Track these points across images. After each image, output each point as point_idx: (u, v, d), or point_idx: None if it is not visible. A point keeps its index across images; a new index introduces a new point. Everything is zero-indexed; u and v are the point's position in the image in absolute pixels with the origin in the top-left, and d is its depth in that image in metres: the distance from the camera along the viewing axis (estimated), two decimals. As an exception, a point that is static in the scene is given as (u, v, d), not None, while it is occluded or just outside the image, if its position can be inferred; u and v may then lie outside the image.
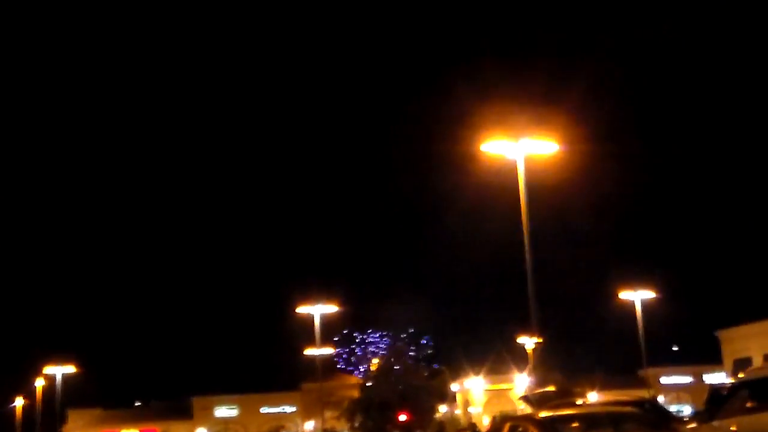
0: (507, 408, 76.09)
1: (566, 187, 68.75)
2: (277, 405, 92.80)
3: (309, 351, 65.04)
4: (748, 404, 12.95)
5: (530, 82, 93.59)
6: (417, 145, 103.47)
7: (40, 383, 74.24)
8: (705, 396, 35.73)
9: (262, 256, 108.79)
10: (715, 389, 32.93)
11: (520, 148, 25.89)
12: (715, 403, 14.08)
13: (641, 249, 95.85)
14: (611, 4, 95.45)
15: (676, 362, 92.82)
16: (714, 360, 77.89)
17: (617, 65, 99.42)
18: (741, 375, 17.17)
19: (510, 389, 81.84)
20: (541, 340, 33.41)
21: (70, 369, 67.78)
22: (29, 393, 79.30)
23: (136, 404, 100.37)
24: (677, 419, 20.95)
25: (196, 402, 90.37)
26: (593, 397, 31.64)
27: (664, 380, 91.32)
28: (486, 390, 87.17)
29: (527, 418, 13.34)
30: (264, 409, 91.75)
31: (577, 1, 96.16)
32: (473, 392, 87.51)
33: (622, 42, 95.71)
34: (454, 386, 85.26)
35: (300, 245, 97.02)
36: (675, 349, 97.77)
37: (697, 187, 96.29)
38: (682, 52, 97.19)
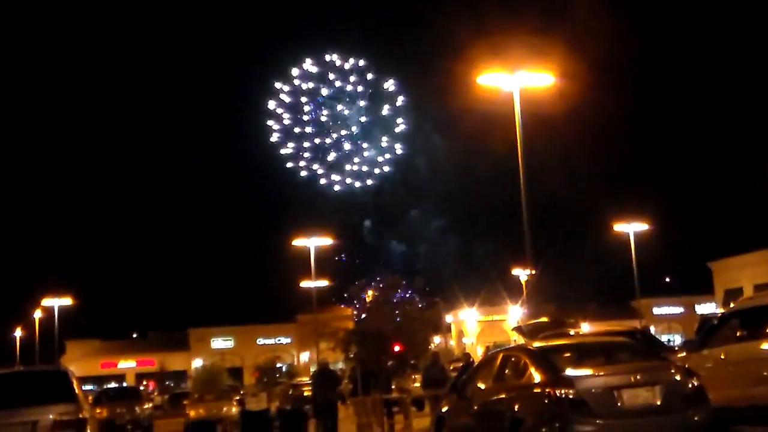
0: (500, 339, 77.14)
1: (562, 119, 68.79)
2: (273, 336, 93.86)
3: (305, 283, 65.64)
4: (738, 333, 13.15)
5: (527, 13, 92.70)
6: (413, 79, 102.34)
7: (38, 315, 74.88)
8: (696, 326, 36.33)
9: (257, 187, 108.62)
10: (705, 319, 33.39)
11: (516, 80, 25.75)
12: (706, 332, 14.29)
13: (636, 181, 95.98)
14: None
15: (668, 293, 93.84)
16: (706, 291, 78.82)
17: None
18: (732, 305, 17.42)
19: (503, 320, 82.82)
20: (534, 272, 33.63)
21: (68, 301, 68.36)
22: (28, 324, 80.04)
23: (134, 336, 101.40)
24: (668, 348, 21.26)
25: (193, 333, 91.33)
26: (586, 327, 32.02)
27: (657, 311, 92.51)
28: (479, 321, 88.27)
29: (520, 348, 13.55)
30: (260, 341, 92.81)
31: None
32: (467, 323, 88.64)
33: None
34: (448, 317, 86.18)
35: (295, 178, 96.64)
36: (668, 280, 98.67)
37: (692, 117, 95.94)
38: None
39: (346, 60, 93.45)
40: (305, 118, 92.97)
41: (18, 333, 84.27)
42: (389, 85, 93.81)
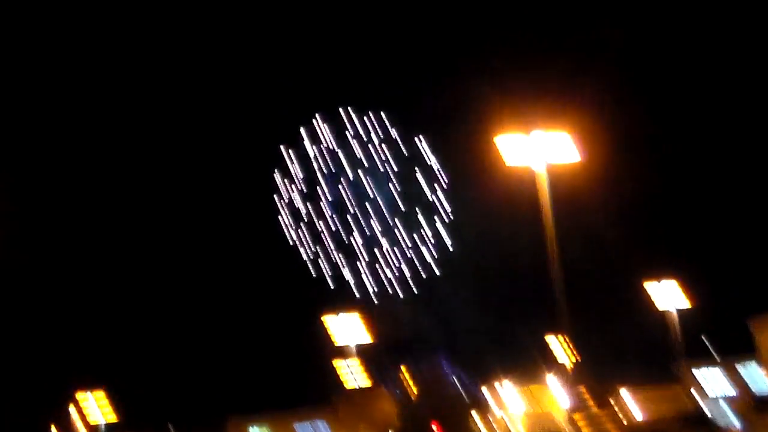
0: (541, 410, 75.69)
1: (590, 188, 68.65)
2: (310, 419, 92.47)
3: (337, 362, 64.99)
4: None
5: (546, 79, 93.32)
6: (431, 139, 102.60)
7: (72, 410, 74.45)
8: (740, 384, 35.38)
9: (286, 268, 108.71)
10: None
11: (534, 138, 25.78)
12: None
13: (666, 241, 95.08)
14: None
15: (708, 353, 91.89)
16: (747, 349, 77.16)
17: (636, 62, 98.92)
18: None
19: (541, 389, 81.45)
20: (569, 340, 33.13)
21: (101, 395, 68.08)
22: (61, 420, 79.57)
23: (170, 427, 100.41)
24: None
25: (232, 426, 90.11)
26: (626, 395, 31.35)
27: (697, 372, 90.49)
28: (518, 391, 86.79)
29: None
30: (297, 425, 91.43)
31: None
32: (505, 395, 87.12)
33: (641, 39, 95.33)
34: (485, 391, 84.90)
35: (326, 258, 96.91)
36: (705, 339, 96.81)
37: (723, 177, 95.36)
38: (701, 50, 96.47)
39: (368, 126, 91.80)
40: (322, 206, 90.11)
41: None
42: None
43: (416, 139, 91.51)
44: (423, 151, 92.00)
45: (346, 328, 56.83)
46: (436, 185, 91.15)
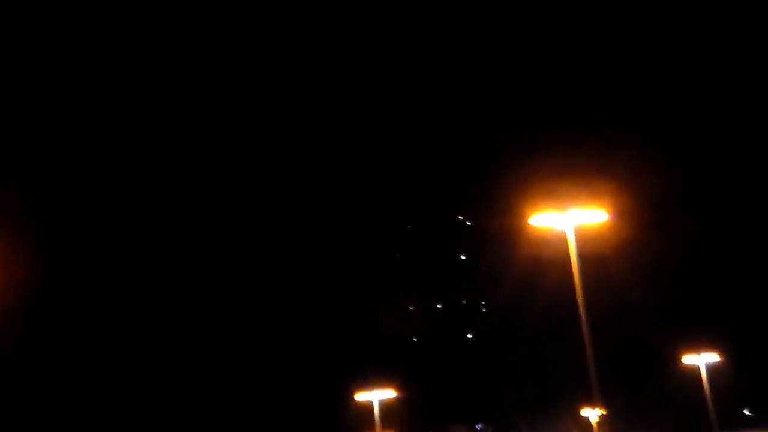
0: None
1: (618, 253, 68.31)
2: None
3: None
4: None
5: (578, 151, 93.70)
6: (465, 221, 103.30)
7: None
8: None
9: (318, 344, 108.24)
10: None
11: (569, 219, 25.80)
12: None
13: (702, 311, 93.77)
14: (656, 70, 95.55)
15: (749, 426, 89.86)
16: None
17: (665, 132, 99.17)
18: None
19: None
20: (604, 412, 32.70)
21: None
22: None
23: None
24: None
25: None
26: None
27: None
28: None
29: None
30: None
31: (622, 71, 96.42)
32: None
33: (670, 110, 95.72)
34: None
35: (356, 331, 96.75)
36: (746, 412, 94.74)
37: (759, 243, 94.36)
38: (727, 117, 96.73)
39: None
40: None
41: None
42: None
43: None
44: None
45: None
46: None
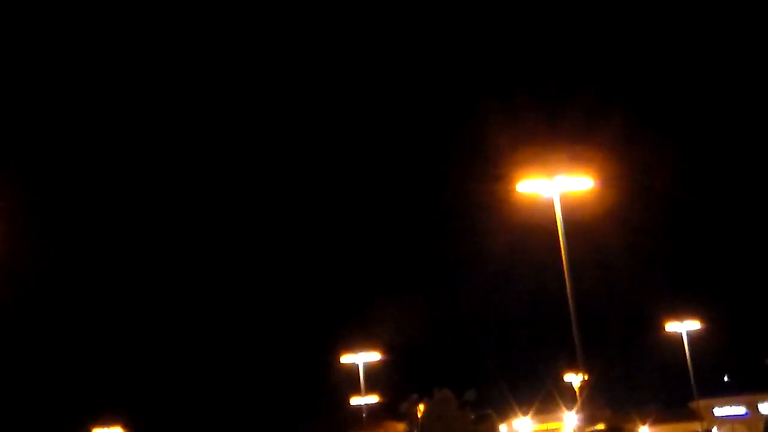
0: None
1: (604, 220, 68.59)
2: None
3: (355, 400, 64.91)
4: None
5: (565, 120, 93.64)
6: (451, 187, 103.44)
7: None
8: (761, 426, 35.20)
9: (305, 307, 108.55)
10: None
11: (556, 186, 25.92)
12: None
13: (684, 279, 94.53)
14: (643, 43, 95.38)
15: (728, 392, 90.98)
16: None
17: (651, 100, 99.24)
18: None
19: (559, 428, 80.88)
20: (587, 377, 33.01)
21: (119, 431, 68.21)
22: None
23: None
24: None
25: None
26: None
27: (718, 411, 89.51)
28: (535, 430, 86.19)
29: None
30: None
31: (607, 38, 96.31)
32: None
33: (655, 77, 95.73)
34: (502, 428, 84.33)
35: (342, 294, 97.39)
36: (726, 379, 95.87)
37: (740, 212, 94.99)
38: (715, 88, 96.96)
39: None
40: None
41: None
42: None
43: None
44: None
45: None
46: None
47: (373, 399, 72.31)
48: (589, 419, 32.67)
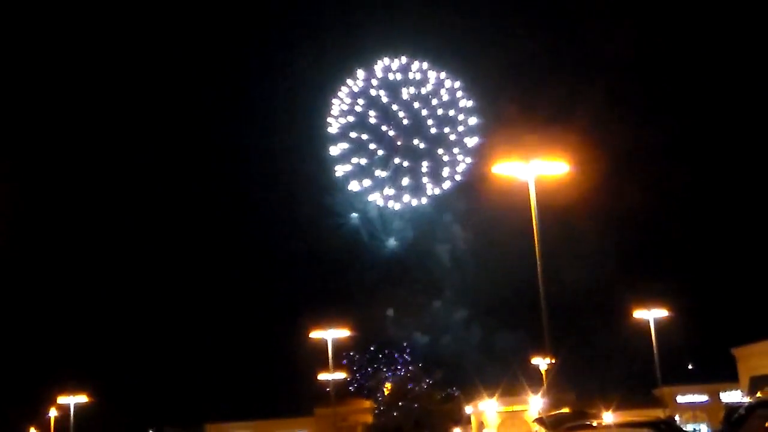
0: (521, 430, 75.72)
1: (578, 206, 68.92)
2: (291, 430, 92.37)
3: (322, 376, 64.92)
4: (767, 424, 12.85)
5: (541, 105, 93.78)
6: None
7: (53, 413, 74.16)
8: (721, 414, 35.49)
9: (276, 281, 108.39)
10: (731, 408, 32.71)
11: (531, 169, 25.91)
12: (733, 423, 13.96)
13: (654, 267, 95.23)
14: (623, 23, 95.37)
15: (692, 381, 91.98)
16: (730, 378, 77.37)
17: (627, 85, 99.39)
18: (759, 394, 17.07)
19: (524, 411, 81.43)
20: (554, 361, 33.21)
21: (83, 399, 67.78)
22: (42, 423, 79.20)
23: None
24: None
25: (210, 429, 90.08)
26: (608, 417, 31.40)
27: (680, 399, 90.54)
28: (500, 412, 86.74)
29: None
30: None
31: (587, 21, 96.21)
32: (487, 414, 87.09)
33: (631, 61, 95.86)
34: (468, 408, 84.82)
35: (313, 270, 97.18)
36: (690, 367, 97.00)
37: (711, 203, 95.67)
38: (694, 71, 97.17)
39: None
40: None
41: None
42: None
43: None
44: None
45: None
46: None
47: (341, 375, 72.43)
48: (555, 403, 32.86)
